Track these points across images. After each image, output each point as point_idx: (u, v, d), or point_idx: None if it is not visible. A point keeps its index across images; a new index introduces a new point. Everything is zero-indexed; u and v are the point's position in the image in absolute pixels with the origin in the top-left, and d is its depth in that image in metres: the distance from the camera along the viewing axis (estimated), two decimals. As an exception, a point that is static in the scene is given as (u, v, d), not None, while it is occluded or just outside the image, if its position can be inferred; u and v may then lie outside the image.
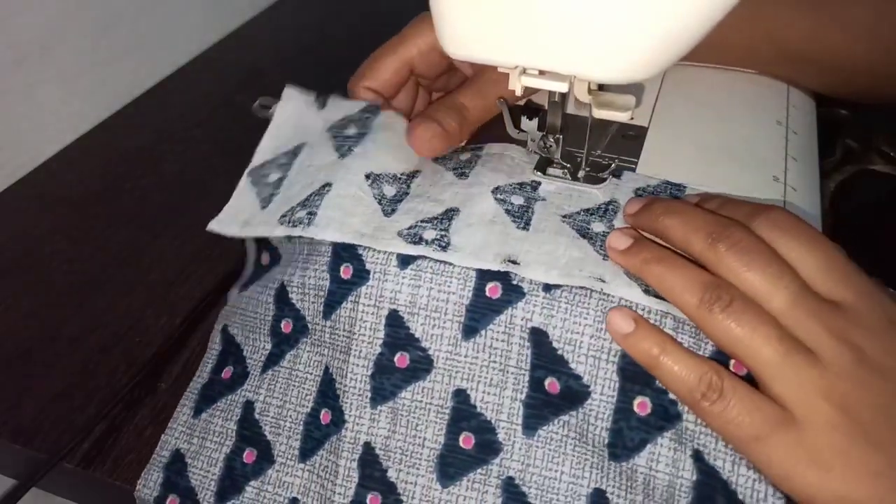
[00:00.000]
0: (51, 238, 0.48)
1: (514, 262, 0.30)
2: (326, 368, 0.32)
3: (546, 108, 0.34)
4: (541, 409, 0.29)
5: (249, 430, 0.33)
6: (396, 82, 0.38)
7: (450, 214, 0.33)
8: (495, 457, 0.29)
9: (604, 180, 0.34)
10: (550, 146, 0.34)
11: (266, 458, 0.32)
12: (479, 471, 0.29)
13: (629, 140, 0.38)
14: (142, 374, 0.37)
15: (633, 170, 0.35)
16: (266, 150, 0.39)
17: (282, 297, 0.34)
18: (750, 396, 0.25)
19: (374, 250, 0.31)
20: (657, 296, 0.28)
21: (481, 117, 0.38)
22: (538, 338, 0.29)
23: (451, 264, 0.30)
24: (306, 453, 0.32)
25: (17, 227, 0.49)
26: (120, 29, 0.60)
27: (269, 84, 0.65)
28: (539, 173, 0.35)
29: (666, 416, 0.28)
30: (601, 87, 0.31)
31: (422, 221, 0.32)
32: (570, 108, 0.39)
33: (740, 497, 0.26)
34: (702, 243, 0.27)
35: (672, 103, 0.40)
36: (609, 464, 0.28)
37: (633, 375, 0.28)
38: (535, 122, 0.34)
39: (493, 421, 0.29)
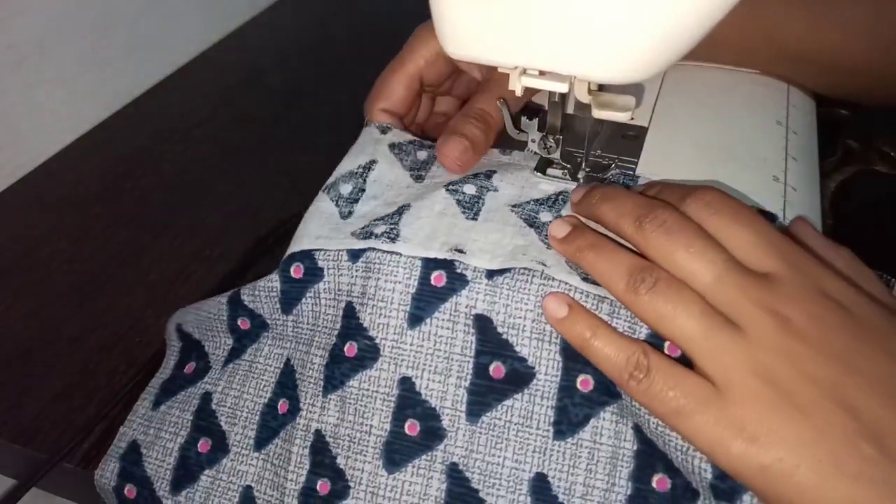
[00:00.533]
0: (51, 238, 0.48)
1: (460, 251, 0.31)
2: (288, 360, 0.33)
3: (546, 108, 0.34)
4: (485, 396, 0.29)
5: (205, 421, 0.33)
6: (409, 98, 0.39)
7: (401, 210, 0.33)
8: (440, 443, 0.29)
9: (604, 180, 0.34)
10: (550, 146, 0.35)
11: (221, 447, 0.33)
12: (423, 457, 0.29)
13: (629, 140, 0.38)
14: (142, 374, 0.37)
15: (634, 170, 0.35)
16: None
17: (235, 300, 0.35)
18: (672, 372, 0.26)
19: (325, 250, 0.32)
20: (595, 281, 0.29)
21: (502, 120, 0.38)
22: (483, 324, 0.30)
23: (398, 254, 0.31)
24: (261, 442, 0.32)
25: (17, 227, 0.49)
26: (120, 29, 0.60)
27: (269, 84, 0.65)
28: (539, 174, 0.35)
29: (608, 391, 0.28)
30: (601, 88, 0.31)
31: (374, 220, 0.33)
32: (571, 108, 0.39)
33: (676, 465, 0.27)
34: (631, 227, 0.28)
35: (672, 103, 0.40)
36: (553, 445, 0.29)
37: (575, 355, 0.29)
38: (535, 122, 0.34)
39: (437, 408, 0.30)
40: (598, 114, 0.30)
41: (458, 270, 0.30)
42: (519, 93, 0.30)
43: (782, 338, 0.25)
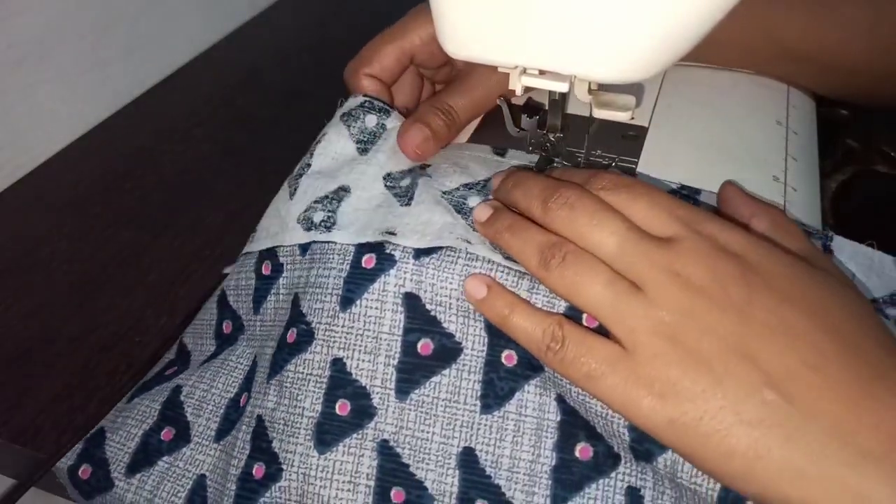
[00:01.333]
0: (51, 238, 0.48)
1: (391, 233, 0.32)
2: (255, 358, 0.34)
3: (546, 107, 0.34)
4: (413, 373, 0.30)
5: (172, 411, 0.34)
6: (396, 70, 0.38)
7: (340, 195, 0.34)
8: (370, 421, 0.30)
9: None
10: (550, 146, 0.35)
11: (183, 437, 0.33)
12: (354, 436, 0.30)
13: (629, 140, 0.38)
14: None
15: (633, 170, 0.35)
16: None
17: (222, 301, 0.36)
18: (584, 339, 0.27)
19: (282, 246, 0.34)
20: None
21: (470, 116, 0.38)
22: (411, 302, 0.30)
23: (334, 243, 0.32)
24: (221, 434, 0.33)
25: (17, 227, 0.49)
26: (120, 29, 0.60)
27: (269, 84, 0.65)
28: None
29: (531, 365, 0.29)
30: (601, 87, 0.31)
31: (314, 202, 0.35)
32: (571, 108, 0.39)
33: (598, 431, 0.28)
34: (539, 208, 0.29)
35: (672, 103, 0.40)
36: (480, 419, 0.29)
37: (499, 330, 0.29)
38: (535, 121, 0.34)
39: (367, 387, 0.30)
40: (598, 113, 0.30)
41: (388, 251, 0.31)
42: (519, 92, 0.30)
43: (682, 295, 0.25)
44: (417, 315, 0.30)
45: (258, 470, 0.31)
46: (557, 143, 0.34)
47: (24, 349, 0.41)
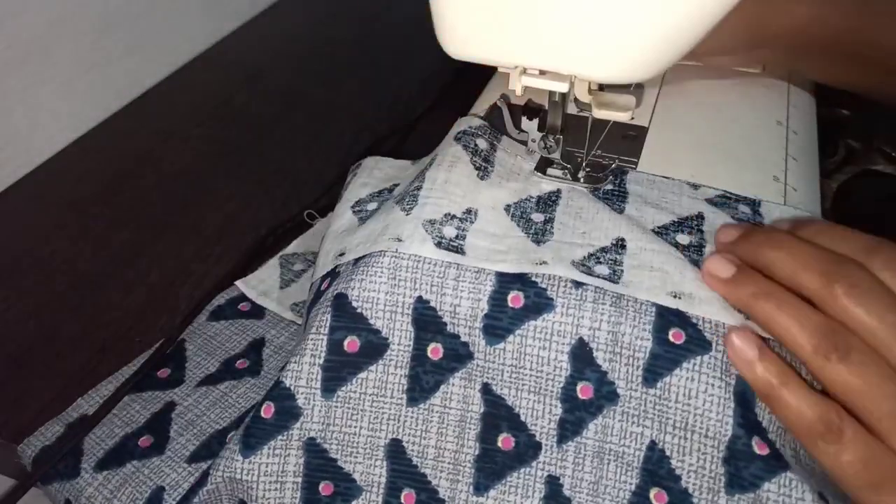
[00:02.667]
0: (51, 238, 0.48)
1: (341, 255, 0.33)
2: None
3: (546, 107, 0.34)
4: (339, 371, 0.30)
5: (158, 423, 0.35)
6: None
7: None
8: (296, 422, 0.30)
9: (604, 180, 0.34)
10: (550, 146, 0.34)
11: (158, 448, 0.34)
12: (279, 437, 0.30)
13: (629, 140, 0.38)
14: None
15: (634, 171, 0.35)
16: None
17: (255, 346, 0.38)
18: (869, 445, 0.25)
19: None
20: (451, 248, 0.31)
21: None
22: (340, 301, 0.31)
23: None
24: (196, 458, 0.33)
25: (17, 227, 0.49)
26: (120, 29, 0.60)
27: (269, 84, 0.65)
28: (539, 173, 0.35)
29: (457, 357, 0.30)
30: (601, 87, 0.31)
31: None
32: (571, 108, 0.39)
33: (522, 419, 0.29)
34: (815, 283, 0.26)
35: (672, 103, 0.40)
36: (406, 411, 0.30)
37: (425, 325, 0.30)
38: (535, 122, 0.34)
39: (292, 388, 0.31)
40: (598, 113, 0.30)
41: (337, 270, 0.33)
42: (519, 92, 0.30)
43: None
44: (343, 314, 0.31)
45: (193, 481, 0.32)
46: (557, 144, 0.34)
47: (24, 349, 0.41)
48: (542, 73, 0.30)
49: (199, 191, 0.52)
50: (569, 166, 0.35)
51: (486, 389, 0.29)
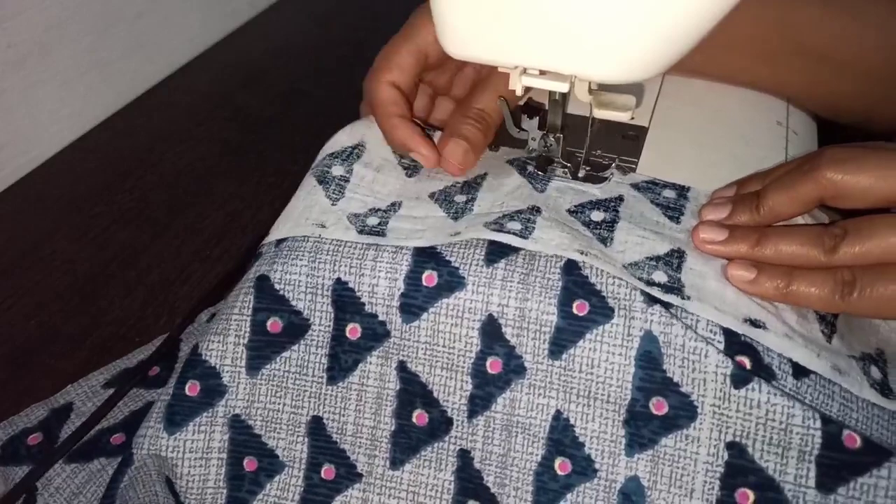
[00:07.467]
0: (51, 238, 0.48)
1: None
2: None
3: (546, 107, 0.34)
4: (263, 350, 0.32)
5: (135, 423, 0.35)
6: (417, 72, 0.37)
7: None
8: (221, 399, 0.32)
9: (604, 179, 0.34)
10: (551, 145, 0.35)
11: (129, 448, 0.34)
12: (205, 414, 0.31)
13: (629, 140, 0.38)
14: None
15: (634, 171, 0.35)
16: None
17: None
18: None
19: None
20: (372, 231, 0.32)
21: (500, 117, 0.37)
22: (261, 283, 0.32)
23: None
24: None
25: (17, 227, 0.49)
26: (120, 29, 0.60)
27: (269, 84, 0.65)
28: (538, 173, 0.35)
29: (374, 336, 0.31)
30: (601, 87, 0.31)
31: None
32: (571, 108, 0.39)
33: (435, 396, 0.30)
34: (823, 257, 0.29)
35: (672, 103, 0.40)
36: (326, 389, 0.31)
37: (344, 306, 0.31)
38: (535, 121, 0.34)
39: (217, 366, 0.32)
40: (598, 113, 0.30)
41: (260, 251, 0.34)
42: (519, 92, 0.30)
43: None
44: (264, 296, 0.32)
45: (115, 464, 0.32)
46: (557, 143, 0.34)
47: (24, 349, 0.41)
48: (542, 73, 0.30)
49: (199, 191, 0.52)
50: (569, 165, 0.35)
51: (402, 367, 0.30)
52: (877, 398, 0.28)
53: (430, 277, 0.30)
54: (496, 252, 0.30)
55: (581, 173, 0.35)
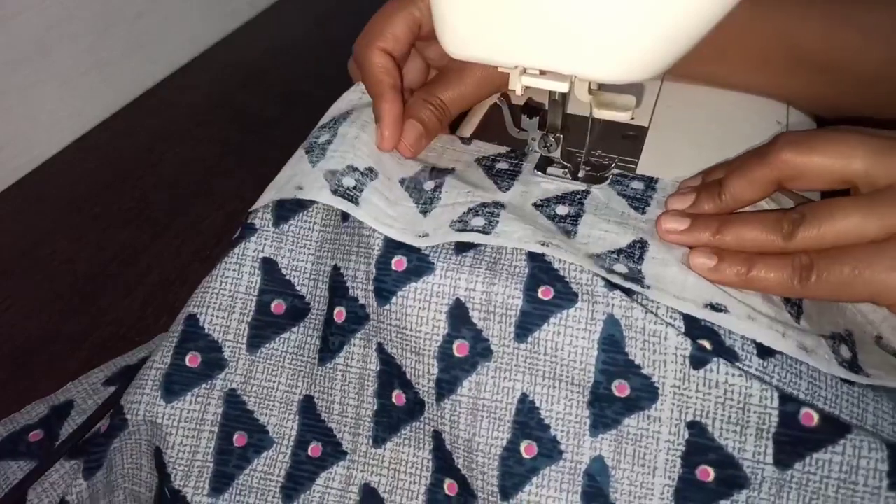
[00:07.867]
0: (51, 238, 0.48)
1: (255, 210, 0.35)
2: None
3: (546, 107, 0.34)
4: (265, 329, 0.33)
5: (119, 417, 0.35)
6: (408, 40, 0.37)
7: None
8: (220, 372, 0.33)
9: (604, 179, 0.34)
10: (551, 145, 0.35)
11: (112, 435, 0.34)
12: (203, 385, 0.32)
13: (629, 140, 0.38)
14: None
15: (634, 170, 0.35)
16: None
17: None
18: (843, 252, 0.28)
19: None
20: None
21: (459, 108, 0.38)
22: (269, 266, 0.33)
23: None
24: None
25: (17, 227, 0.49)
26: (120, 29, 0.60)
27: (269, 84, 0.65)
28: (539, 173, 0.35)
29: (356, 319, 0.32)
30: (601, 87, 0.31)
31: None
32: (571, 108, 0.39)
33: (408, 378, 0.31)
34: (780, 238, 0.29)
35: (672, 103, 0.40)
36: (317, 370, 0.32)
37: (335, 289, 0.32)
38: (535, 120, 0.34)
39: (219, 341, 0.33)
40: (598, 113, 0.30)
41: (251, 220, 0.34)
42: (519, 92, 0.30)
43: None
44: (273, 278, 0.33)
45: (103, 426, 0.33)
46: (557, 143, 0.34)
47: (24, 349, 0.41)
48: (542, 73, 0.30)
49: (199, 191, 0.52)
50: (569, 165, 0.35)
51: (380, 349, 0.31)
52: (846, 374, 0.28)
53: (399, 262, 0.30)
54: (465, 244, 0.30)
55: (581, 173, 0.35)
